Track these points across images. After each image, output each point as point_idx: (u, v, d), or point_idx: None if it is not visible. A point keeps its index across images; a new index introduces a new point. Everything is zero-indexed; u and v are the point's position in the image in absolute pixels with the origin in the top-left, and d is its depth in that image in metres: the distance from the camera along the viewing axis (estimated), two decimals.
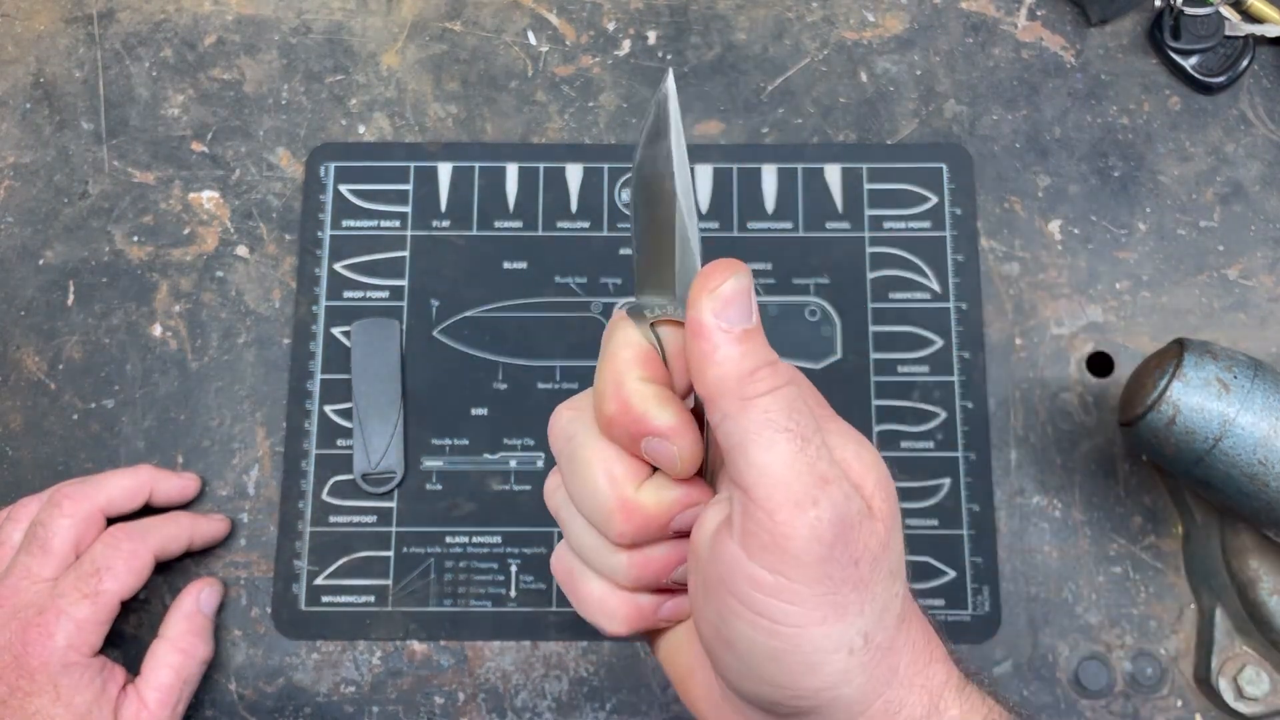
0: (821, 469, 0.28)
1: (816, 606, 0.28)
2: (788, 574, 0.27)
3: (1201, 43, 0.54)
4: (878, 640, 0.29)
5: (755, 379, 0.28)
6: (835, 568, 0.28)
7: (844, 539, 0.28)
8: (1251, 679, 0.47)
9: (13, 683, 0.42)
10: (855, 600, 0.28)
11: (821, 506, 0.27)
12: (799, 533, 0.27)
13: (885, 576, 0.29)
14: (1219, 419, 0.42)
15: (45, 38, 0.57)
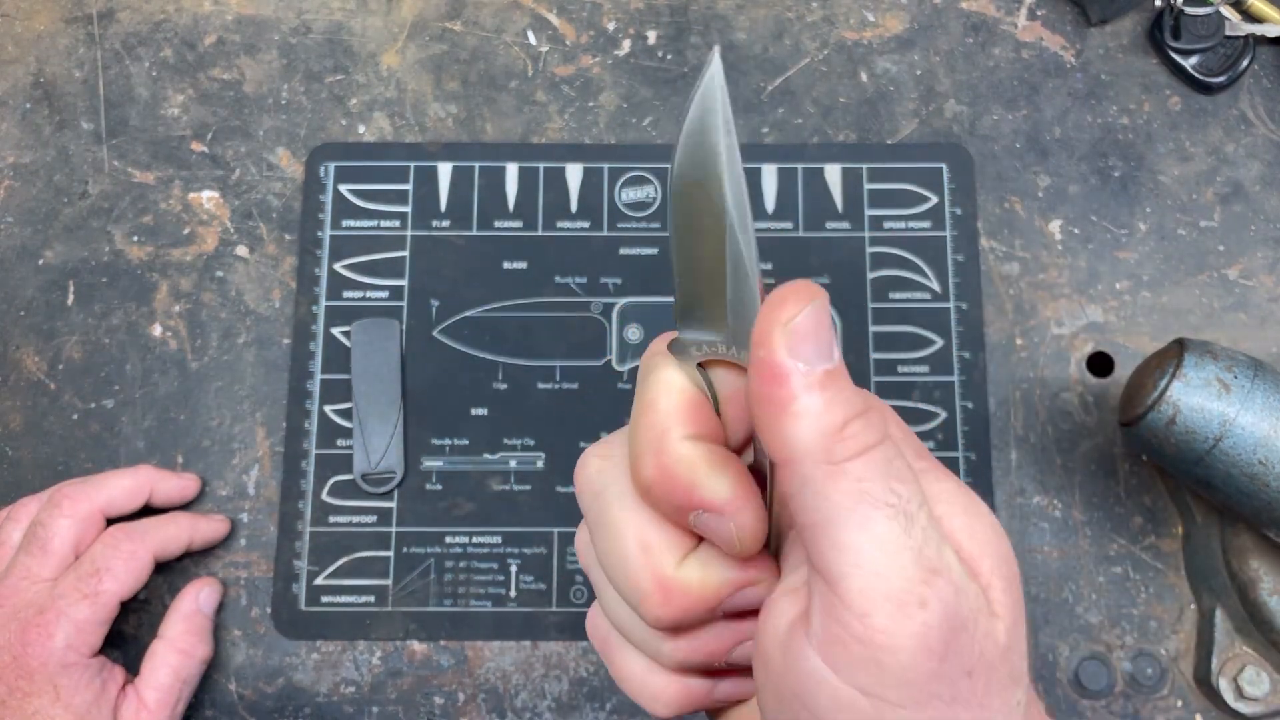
0: (929, 556, 0.22)
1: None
2: (887, 695, 0.22)
3: (1202, 42, 0.54)
4: None
5: (845, 437, 0.22)
6: (945, 685, 0.22)
7: (956, 647, 0.22)
8: (1252, 679, 0.46)
9: (12, 683, 0.42)
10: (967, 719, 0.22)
11: (931, 608, 0.21)
12: (903, 644, 0.21)
13: (1005, 686, 0.23)
14: (1219, 419, 0.42)
15: (45, 37, 0.57)
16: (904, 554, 0.21)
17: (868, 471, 0.22)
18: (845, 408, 0.22)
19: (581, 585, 0.50)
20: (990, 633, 0.22)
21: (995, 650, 0.22)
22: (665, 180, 0.51)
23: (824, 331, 0.22)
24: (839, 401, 0.22)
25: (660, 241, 0.53)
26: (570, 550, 0.50)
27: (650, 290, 0.53)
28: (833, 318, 0.23)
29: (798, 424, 0.22)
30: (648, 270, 0.53)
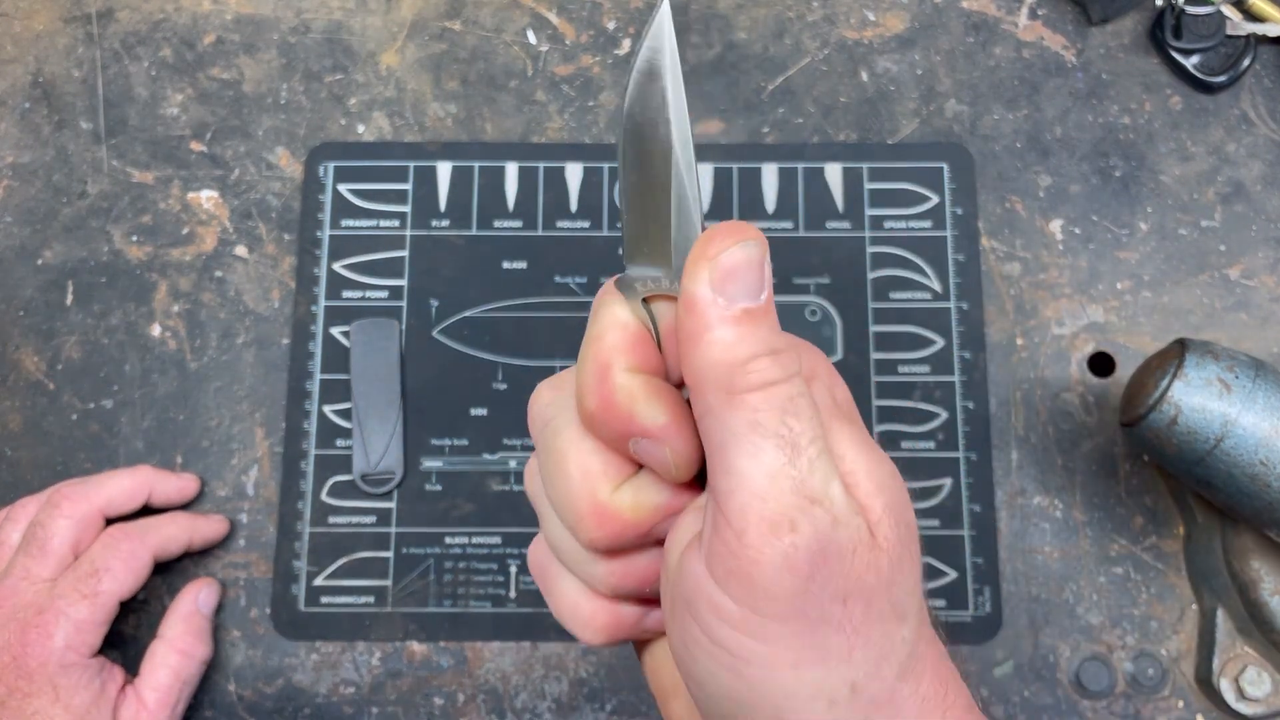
0: (812, 486, 0.23)
1: (789, 647, 0.24)
2: (756, 606, 0.23)
3: (1203, 42, 0.54)
4: (870, 693, 0.24)
5: (748, 370, 0.24)
6: (814, 604, 0.23)
7: (827, 571, 0.23)
8: (1253, 680, 0.46)
9: (11, 683, 0.42)
10: (840, 644, 0.24)
11: (800, 531, 0.23)
12: (770, 560, 0.23)
13: (885, 618, 0.24)
14: (1220, 419, 0.42)
15: (44, 37, 0.57)
16: (784, 481, 0.23)
17: (764, 404, 0.23)
18: (756, 344, 0.24)
19: None
20: (872, 564, 0.24)
21: (875, 580, 0.24)
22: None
23: (752, 271, 0.24)
24: (750, 338, 0.24)
25: None
26: None
27: None
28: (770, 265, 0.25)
29: (706, 353, 0.24)
30: None
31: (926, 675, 0.26)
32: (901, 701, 0.25)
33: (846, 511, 0.24)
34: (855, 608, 0.24)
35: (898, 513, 0.25)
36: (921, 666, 0.25)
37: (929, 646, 0.26)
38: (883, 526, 0.25)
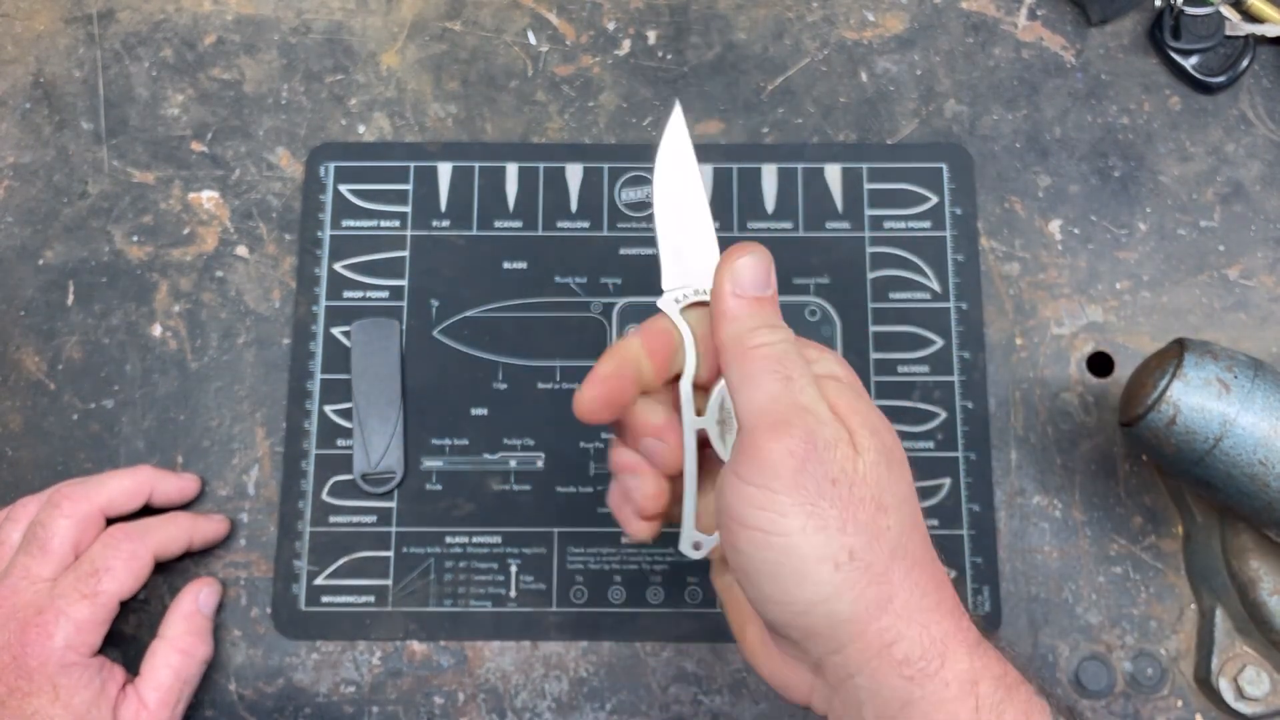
0: (802, 401, 0.33)
1: (798, 515, 0.31)
2: (770, 485, 0.32)
3: (1202, 42, 0.54)
4: (866, 560, 0.32)
5: (756, 334, 0.34)
6: (810, 480, 0.32)
7: (817, 457, 0.32)
8: (1252, 679, 0.46)
9: (11, 683, 0.42)
10: (835, 515, 0.32)
11: (794, 428, 0.32)
12: (773, 449, 0.32)
13: (867, 504, 0.32)
14: (1219, 419, 0.42)
15: (45, 37, 0.57)
16: (782, 399, 0.33)
17: (768, 354, 0.34)
18: (761, 319, 0.35)
19: (581, 585, 0.50)
20: (851, 458, 0.32)
21: (855, 472, 0.32)
22: None
23: (757, 271, 0.36)
24: (758, 315, 0.35)
25: None
26: (570, 550, 0.50)
27: (650, 290, 0.53)
28: (773, 271, 0.37)
29: (727, 324, 0.35)
30: (648, 270, 0.53)
31: (918, 570, 0.33)
32: (894, 577, 0.32)
33: (829, 418, 0.33)
34: (842, 488, 0.32)
35: (875, 434, 0.33)
36: (912, 561, 0.33)
37: (923, 550, 0.33)
38: (861, 437, 0.33)
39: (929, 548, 0.34)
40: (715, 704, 0.49)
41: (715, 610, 0.50)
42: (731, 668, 0.49)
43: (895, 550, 0.32)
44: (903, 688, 0.31)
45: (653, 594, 0.50)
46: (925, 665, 0.31)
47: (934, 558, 0.34)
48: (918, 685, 0.31)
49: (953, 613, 0.33)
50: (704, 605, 0.50)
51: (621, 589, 0.50)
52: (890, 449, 0.34)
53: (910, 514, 0.34)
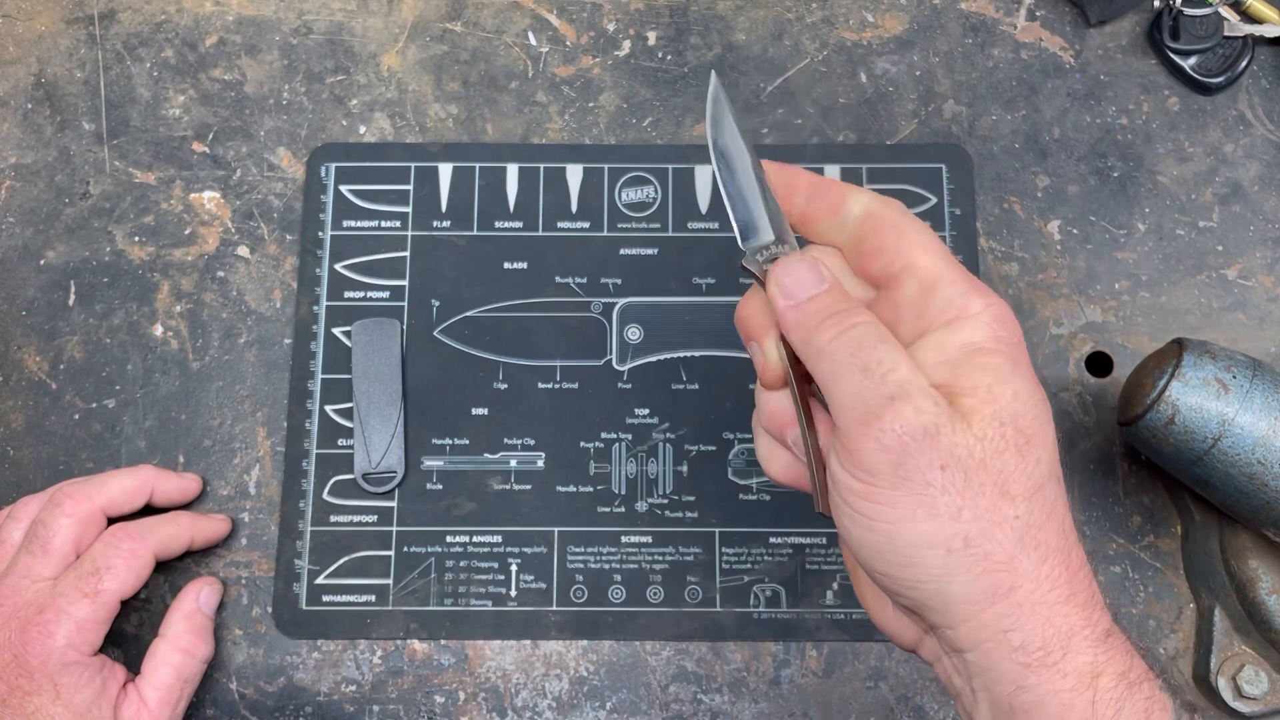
0: (887, 389, 0.31)
1: (903, 506, 0.30)
2: (871, 480, 0.31)
3: (1200, 43, 0.54)
4: (984, 549, 0.30)
5: (821, 333, 0.33)
6: (912, 472, 0.30)
7: (915, 446, 0.30)
8: (1250, 678, 0.47)
9: (12, 681, 0.42)
10: (948, 504, 0.30)
11: (885, 420, 0.30)
12: (865, 446, 0.31)
13: (988, 491, 0.30)
14: (1218, 419, 0.42)
15: (46, 38, 0.57)
16: (864, 391, 0.31)
17: (839, 350, 0.32)
18: (820, 316, 0.33)
19: (581, 585, 0.50)
20: (963, 444, 0.30)
21: (969, 457, 0.30)
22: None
23: (800, 274, 0.34)
24: (815, 314, 0.33)
25: (659, 241, 0.54)
26: (570, 549, 0.50)
27: (650, 290, 0.53)
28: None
29: (792, 335, 0.34)
30: (648, 270, 0.53)
31: (1052, 559, 0.31)
32: (1022, 568, 0.30)
33: (926, 402, 0.31)
34: (955, 474, 0.30)
35: (1006, 416, 0.31)
36: (1045, 550, 0.31)
37: (1059, 539, 0.31)
38: (982, 422, 0.31)
39: (1067, 535, 0.32)
40: (715, 704, 0.49)
41: (715, 610, 0.50)
42: (731, 667, 0.49)
43: (1024, 539, 0.31)
44: (1017, 673, 0.31)
45: (653, 594, 0.50)
46: (1045, 655, 0.31)
47: (1073, 545, 0.32)
48: (1033, 673, 0.31)
49: (1085, 604, 0.31)
50: (704, 605, 0.50)
51: (621, 589, 0.50)
52: (1025, 433, 0.31)
53: (1046, 502, 0.31)
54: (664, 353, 0.52)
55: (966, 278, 0.34)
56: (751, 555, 0.50)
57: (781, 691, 0.49)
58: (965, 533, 0.30)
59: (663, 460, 0.51)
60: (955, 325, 0.33)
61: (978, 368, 0.32)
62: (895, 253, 0.34)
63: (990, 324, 0.33)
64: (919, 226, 0.35)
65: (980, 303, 0.33)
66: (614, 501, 0.51)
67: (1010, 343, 0.33)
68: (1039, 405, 0.32)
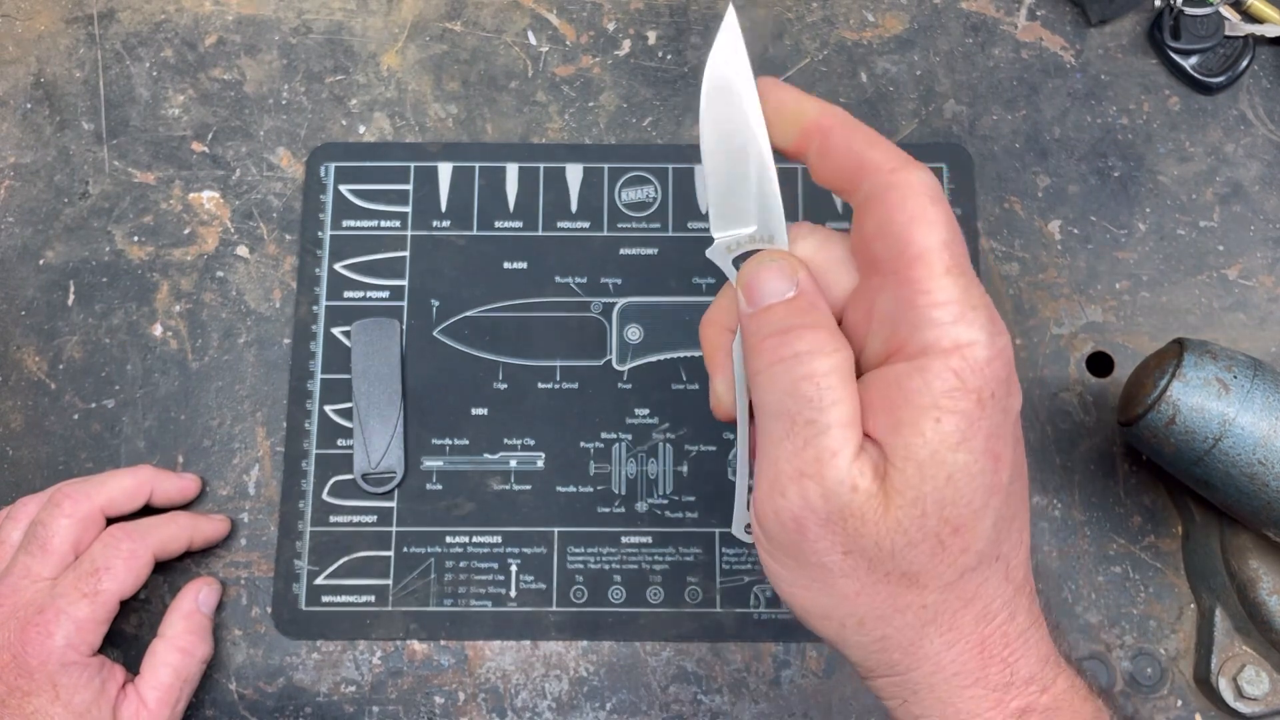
0: (802, 462, 0.27)
1: (800, 577, 0.29)
2: (768, 544, 0.29)
3: (1201, 43, 0.54)
4: (880, 632, 0.29)
5: (760, 351, 0.29)
6: (812, 551, 0.28)
7: (820, 532, 0.28)
8: (1251, 679, 0.46)
9: (11, 682, 0.42)
10: (847, 586, 0.28)
11: (788, 497, 0.28)
12: (768, 516, 0.29)
13: (893, 580, 0.28)
14: (1218, 419, 0.42)
15: (46, 38, 0.57)
16: (780, 452, 0.28)
17: (771, 381, 0.28)
18: (765, 330, 0.29)
19: (581, 585, 0.50)
20: (870, 531, 0.27)
21: (878, 549, 0.27)
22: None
23: (766, 276, 0.29)
24: (761, 325, 0.29)
25: (659, 241, 0.53)
26: (570, 549, 0.50)
27: (650, 290, 0.53)
28: None
29: (746, 339, 0.30)
30: (648, 270, 0.53)
31: (962, 643, 0.29)
32: (922, 651, 0.29)
33: (839, 489, 0.27)
34: (858, 561, 0.28)
35: (931, 504, 0.27)
36: (955, 635, 0.29)
37: (979, 624, 0.29)
38: (901, 509, 0.27)
39: (990, 617, 0.29)
40: (715, 704, 0.49)
41: (715, 610, 0.50)
42: (731, 667, 0.49)
43: (929, 626, 0.28)
44: None
45: (653, 594, 0.50)
46: None
47: (997, 626, 0.29)
48: None
49: (999, 686, 0.29)
50: (704, 605, 0.50)
51: (621, 589, 0.50)
52: (951, 522, 0.27)
53: (968, 588, 0.28)
54: (664, 353, 0.52)
55: (962, 297, 0.27)
56: (752, 556, 0.50)
57: (782, 692, 0.49)
58: (860, 615, 0.29)
59: (663, 460, 0.51)
60: (920, 363, 0.27)
61: (921, 430, 0.27)
62: (894, 244, 0.27)
63: (958, 371, 0.27)
64: (937, 218, 0.27)
65: (965, 336, 0.27)
66: (614, 502, 0.51)
67: (980, 397, 0.27)
68: (982, 487, 0.27)
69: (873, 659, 0.30)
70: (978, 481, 0.27)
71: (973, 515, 0.27)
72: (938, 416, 0.27)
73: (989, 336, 0.27)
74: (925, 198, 0.27)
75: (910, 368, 0.27)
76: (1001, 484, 0.28)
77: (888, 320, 0.28)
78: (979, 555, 0.28)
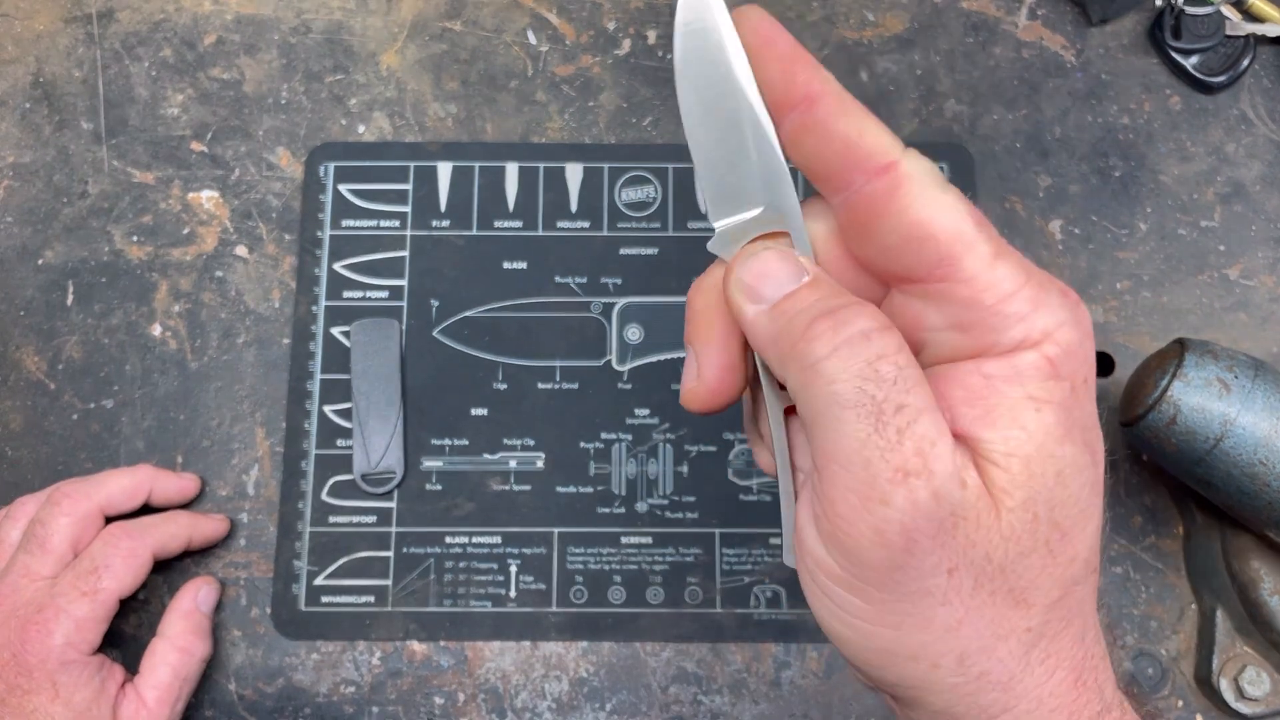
0: (904, 456, 0.22)
1: (891, 611, 0.24)
2: (855, 571, 0.24)
3: (1202, 42, 0.54)
4: (981, 667, 0.24)
5: (811, 339, 0.23)
6: (913, 575, 0.23)
7: (927, 544, 0.23)
8: (1252, 679, 0.46)
9: (11, 681, 0.42)
10: (947, 616, 0.23)
11: (892, 504, 0.22)
12: (861, 533, 0.23)
13: (999, 599, 0.24)
14: (1220, 419, 0.42)
15: (45, 37, 0.57)
16: (871, 451, 0.22)
17: (839, 372, 0.23)
18: (809, 314, 0.24)
19: (581, 585, 0.50)
20: (982, 542, 0.23)
21: (987, 561, 0.23)
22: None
23: (769, 266, 0.25)
24: (803, 313, 0.24)
25: (659, 241, 0.53)
26: (570, 550, 0.50)
27: (650, 290, 0.53)
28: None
29: (767, 352, 0.25)
30: (648, 270, 0.53)
31: (1062, 671, 0.25)
32: (1021, 686, 0.24)
33: (950, 484, 0.23)
34: (963, 580, 0.23)
35: (1041, 506, 0.24)
36: (1055, 662, 0.25)
37: (1077, 647, 0.25)
38: (1012, 513, 0.23)
39: (1085, 638, 0.26)
40: (715, 704, 0.49)
41: (715, 610, 0.50)
42: (731, 668, 0.49)
43: (1032, 653, 0.24)
44: None
45: (653, 594, 0.50)
46: None
47: (1090, 647, 0.26)
48: None
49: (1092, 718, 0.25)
50: (704, 605, 0.50)
51: (621, 589, 0.50)
52: (1061, 527, 0.24)
53: (1071, 605, 0.25)
54: (664, 353, 0.52)
55: (1028, 279, 0.24)
56: (752, 556, 0.50)
57: (782, 692, 0.49)
58: (961, 650, 0.24)
59: (663, 461, 0.51)
60: (1011, 358, 0.24)
61: (1024, 423, 0.23)
62: (923, 248, 0.24)
63: (1053, 359, 0.24)
64: (956, 203, 0.24)
65: (1051, 321, 0.23)
66: (614, 502, 0.51)
67: (1074, 384, 0.24)
68: (1088, 484, 0.24)
69: (963, 703, 0.24)
70: (1084, 477, 0.24)
71: (1081, 517, 0.24)
72: (1037, 407, 0.23)
73: (1073, 315, 0.24)
74: (935, 186, 0.24)
75: (995, 360, 0.24)
76: (1101, 481, 0.25)
77: (956, 328, 0.24)
78: (1085, 565, 0.25)
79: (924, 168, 0.24)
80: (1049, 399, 0.23)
